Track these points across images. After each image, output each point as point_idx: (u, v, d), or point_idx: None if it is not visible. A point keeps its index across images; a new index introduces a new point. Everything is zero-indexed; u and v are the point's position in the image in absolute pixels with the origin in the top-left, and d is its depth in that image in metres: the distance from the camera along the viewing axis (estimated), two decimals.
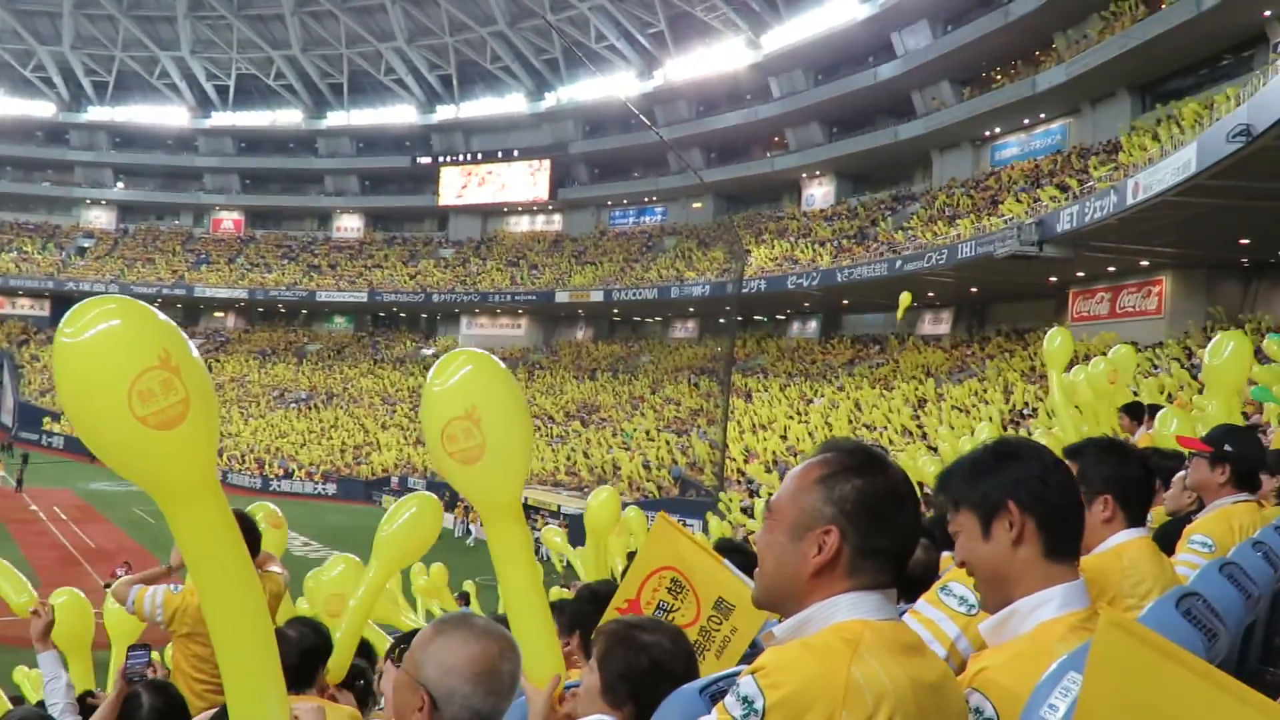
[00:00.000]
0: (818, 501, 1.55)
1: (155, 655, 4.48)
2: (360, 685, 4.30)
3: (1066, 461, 2.65)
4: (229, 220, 63.38)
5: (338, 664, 4.01)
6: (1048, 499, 1.73)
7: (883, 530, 1.55)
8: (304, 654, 3.38)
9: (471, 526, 31.15)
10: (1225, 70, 26.84)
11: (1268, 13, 24.58)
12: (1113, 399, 9.41)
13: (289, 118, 60.30)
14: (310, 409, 51.21)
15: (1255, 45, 25.98)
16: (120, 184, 63.56)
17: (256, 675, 2.02)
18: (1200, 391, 13.65)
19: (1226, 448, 3.55)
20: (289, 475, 42.94)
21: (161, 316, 1.96)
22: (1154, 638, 0.93)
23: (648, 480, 34.40)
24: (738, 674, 2.00)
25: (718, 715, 1.43)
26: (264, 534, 5.93)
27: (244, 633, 2.01)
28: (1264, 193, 18.75)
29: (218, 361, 56.04)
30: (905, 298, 24.11)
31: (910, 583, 2.61)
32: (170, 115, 61.18)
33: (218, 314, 61.26)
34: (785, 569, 1.56)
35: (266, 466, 43.96)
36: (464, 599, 14.34)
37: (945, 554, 3.25)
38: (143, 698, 3.43)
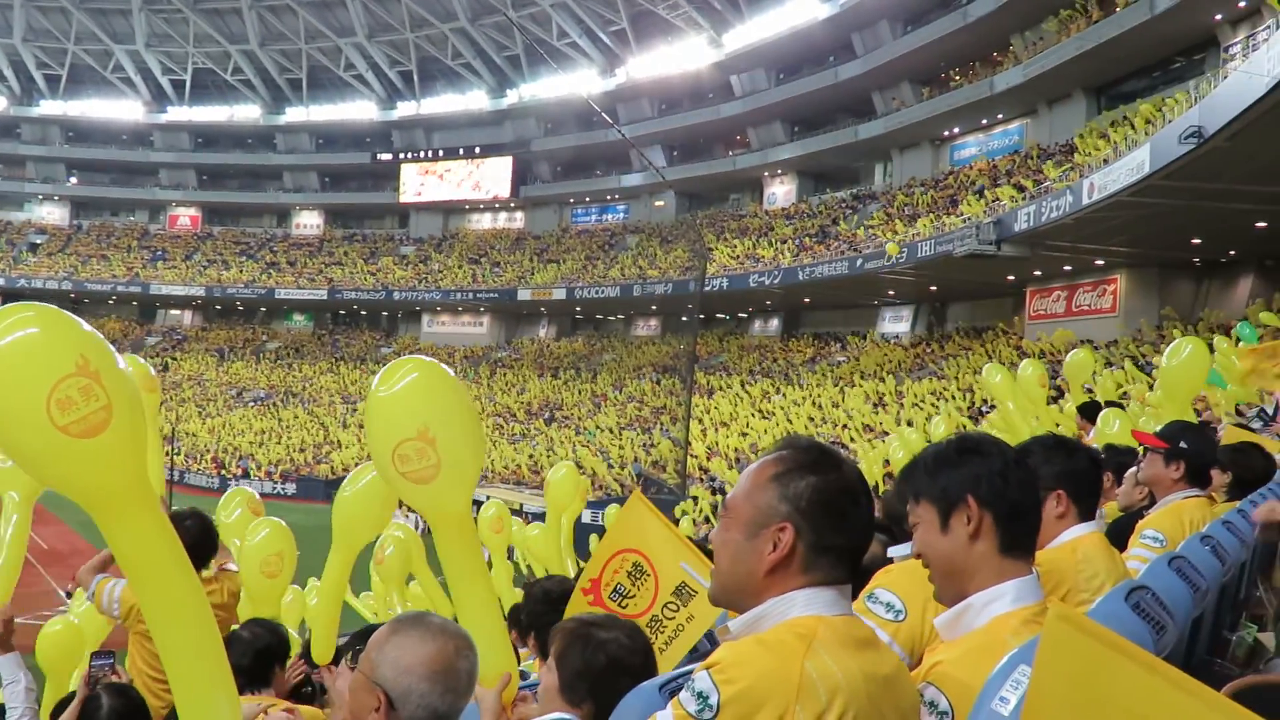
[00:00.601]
0: (773, 499, 1.56)
1: (126, 663, 4.41)
2: (307, 691, 4.25)
3: None
4: (185, 217, 62.46)
5: (321, 646, 3.94)
6: (1007, 496, 1.74)
7: (837, 527, 1.56)
8: (258, 655, 3.36)
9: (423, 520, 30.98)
10: (1177, 73, 27.31)
11: (1218, 16, 25.05)
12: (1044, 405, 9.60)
13: (247, 113, 59.55)
14: (269, 408, 50.65)
15: (1206, 49, 26.45)
16: (73, 179, 62.44)
17: (202, 678, 1.99)
18: (1151, 388, 13.88)
19: (1181, 444, 3.62)
20: (247, 475, 42.45)
21: (84, 325, 1.92)
22: (1100, 630, 0.94)
23: (611, 478, 34.37)
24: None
25: (673, 710, 1.43)
26: (244, 519, 5.82)
27: (186, 637, 1.98)
28: (1214, 193, 19.09)
29: (174, 360, 55.25)
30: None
31: (864, 575, 2.64)
32: (125, 110, 60.18)
33: (174, 312, 60.35)
34: (741, 566, 1.56)
35: (224, 466, 43.42)
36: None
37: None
38: (102, 699, 3.39)
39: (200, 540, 4.28)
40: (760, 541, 1.55)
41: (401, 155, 57.38)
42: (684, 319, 43.59)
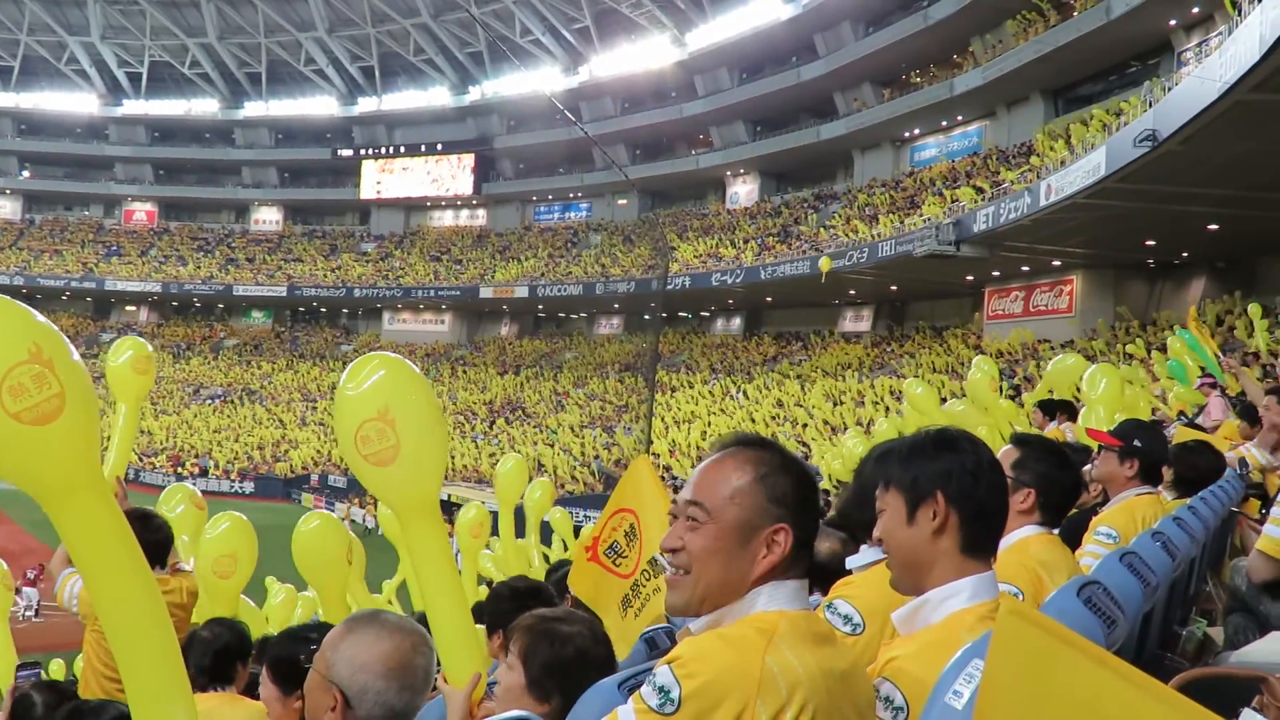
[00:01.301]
0: (763, 501, 1.54)
1: (81, 661, 4.35)
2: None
3: (1011, 445, 2.75)
4: (141, 211, 61.49)
5: None
6: (975, 496, 1.74)
7: (812, 523, 1.58)
8: (217, 654, 3.33)
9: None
10: (1133, 77, 27.72)
11: (1173, 22, 25.48)
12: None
13: (205, 107, 58.74)
14: (227, 405, 50.06)
15: (1161, 53, 26.89)
16: (26, 173, 61.19)
17: (155, 676, 1.97)
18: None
19: (1135, 442, 3.67)
20: (204, 473, 41.92)
21: (37, 316, 1.90)
22: (1051, 624, 0.96)
23: (572, 477, 34.34)
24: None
25: (634, 705, 1.43)
26: (186, 515, 5.74)
27: (139, 632, 1.96)
28: (1168, 196, 19.41)
29: None
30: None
31: (825, 573, 2.66)
32: (79, 102, 59.15)
33: (129, 308, 59.38)
34: (734, 572, 1.53)
35: (181, 464, 42.85)
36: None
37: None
38: (34, 697, 3.35)
39: (162, 540, 4.24)
40: (755, 545, 1.53)
41: (362, 151, 56.89)
42: (646, 317, 43.65)
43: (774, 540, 1.53)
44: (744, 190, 46.69)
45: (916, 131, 38.33)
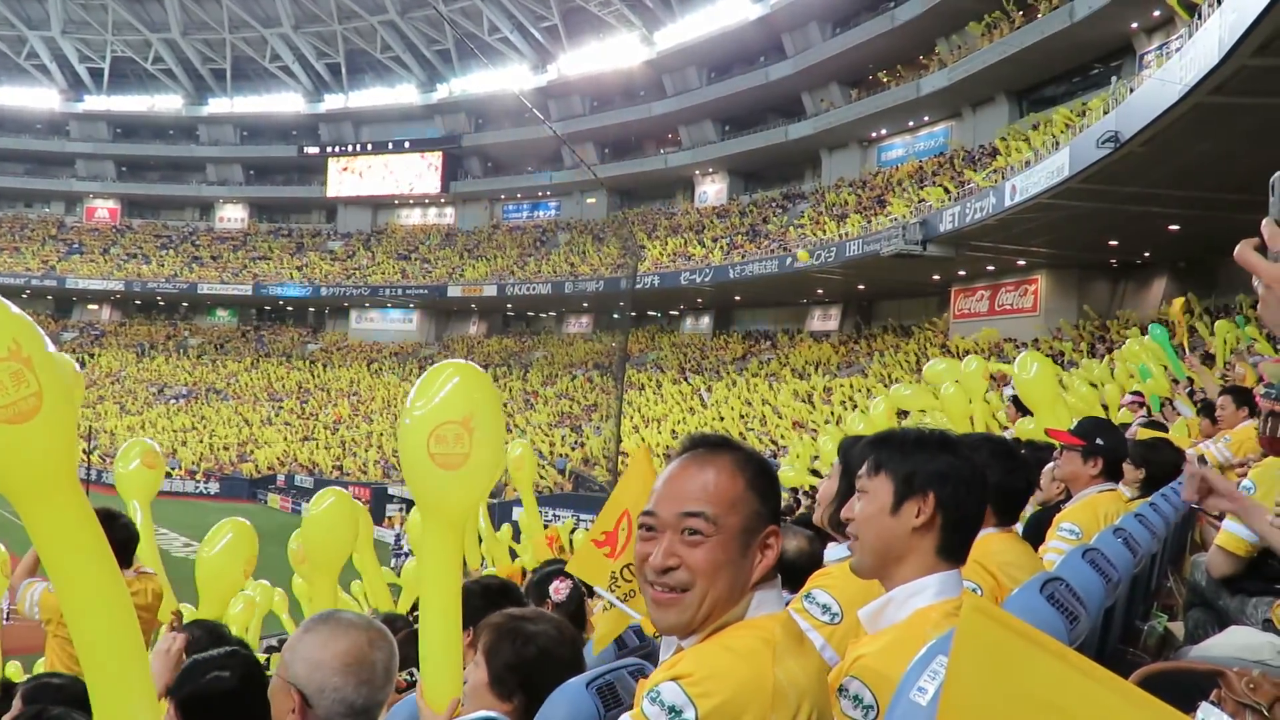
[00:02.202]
0: (758, 506, 1.51)
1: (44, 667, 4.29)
2: None
3: None
4: (104, 209, 60.67)
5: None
6: (963, 505, 1.76)
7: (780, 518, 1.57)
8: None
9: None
10: (1096, 79, 28.05)
11: (1135, 25, 25.82)
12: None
13: (168, 103, 58.03)
14: (191, 404, 49.52)
15: (1123, 56, 27.23)
16: None
17: (120, 677, 1.95)
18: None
19: (1099, 441, 3.72)
20: (168, 474, 41.44)
21: (13, 309, 1.88)
22: (1013, 621, 0.97)
23: (540, 476, 34.27)
24: (627, 669, 2.01)
25: None
26: (138, 473, 5.73)
27: (106, 633, 1.94)
28: (1130, 197, 19.66)
29: (91, 356, 53.63)
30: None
31: (795, 571, 2.68)
32: (40, 98, 58.28)
33: (91, 306, 58.55)
34: (739, 580, 1.49)
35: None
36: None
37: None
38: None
39: (126, 539, 4.20)
40: (752, 552, 1.50)
41: (329, 149, 56.43)
42: (615, 316, 43.63)
43: (768, 544, 1.51)
44: (712, 189, 46.79)
45: (883, 131, 38.57)
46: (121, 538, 4.10)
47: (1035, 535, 3.67)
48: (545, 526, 12.66)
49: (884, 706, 1.58)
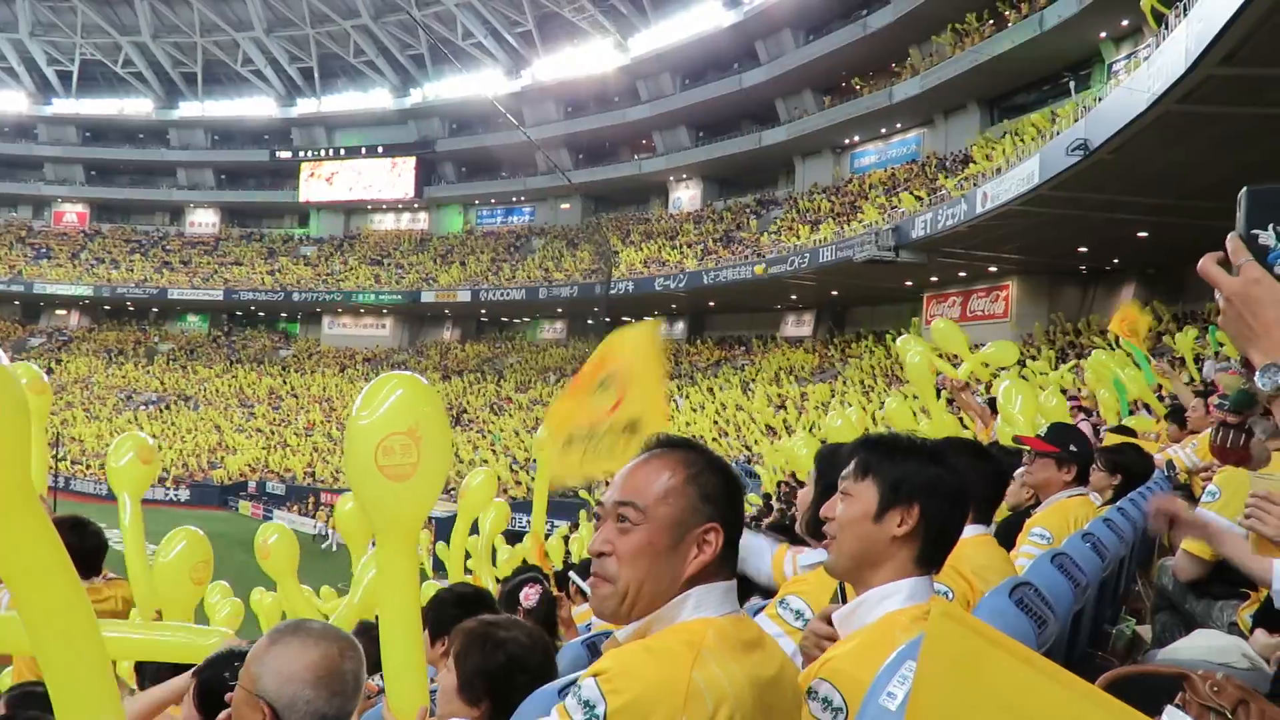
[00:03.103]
0: (695, 501, 1.52)
1: (11, 677, 4.22)
2: None
3: None
4: (72, 213, 59.96)
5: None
6: (946, 518, 1.77)
7: (739, 522, 1.56)
8: (174, 668, 3.27)
9: (330, 531, 30.39)
10: (1065, 87, 28.36)
11: (1104, 34, 26.11)
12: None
13: (138, 107, 57.44)
14: (161, 411, 49.01)
15: (1092, 64, 27.54)
16: None
17: (84, 693, 1.91)
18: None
19: (1073, 448, 3.75)
20: None
21: None
22: (982, 626, 0.98)
23: (515, 481, 34.18)
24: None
25: (558, 716, 1.40)
26: (131, 467, 5.59)
27: (68, 647, 1.90)
28: (1100, 204, 19.87)
29: (59, 362, 52.98)
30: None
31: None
32: (7, 101, 57.45)
33: (60, 312, 57.83)
34: (665, 572, 1.51)
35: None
36: None
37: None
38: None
39: (96, 547, 4.15)
40: (686, 546, 1.51)
41: (301, 153, 56.06)
42: (590, 322, 43.57)
43: (705, 540, 1.51)
44: (686, 195, 46.88)
45: (856, 138, 38.80)
46: (90, 546, 4.05)
47: (1005, 540, 3.70)
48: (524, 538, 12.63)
49: (853, 708, 1.58)
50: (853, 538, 1.77)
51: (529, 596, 3.90)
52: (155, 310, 57.41)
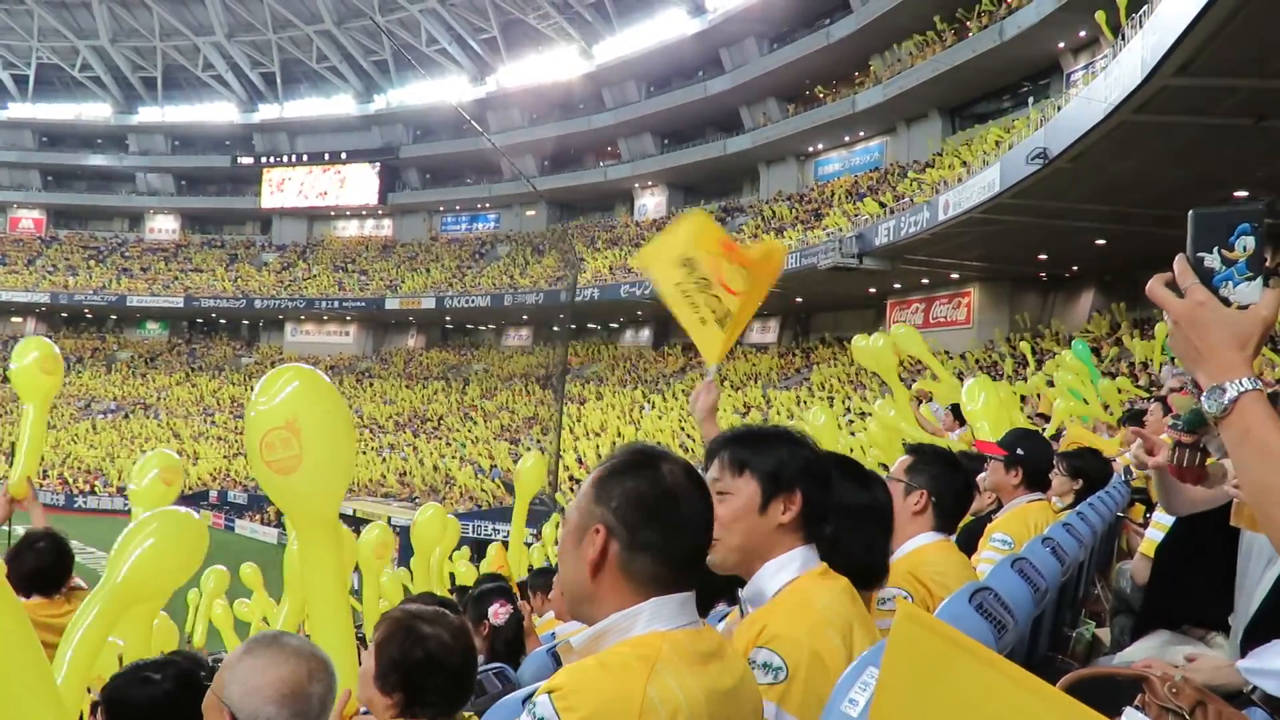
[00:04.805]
0: (590, 503, 1.53)
1: None
2: None
3: (906, 453, 2.85)
4: (28, 219, 58.97)
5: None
6: (823, 495, 1.82)
7: (651, 525, 1.50)
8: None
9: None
10: (1025, 96, 28.73)
11: (1062, 45, 26.49)
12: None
13: (96, 112, 56.69)
14: (120, 420, 48.29)
15: (1051, 74, 27.92)
16: None
17: (25, 710, 1.88)
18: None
19: (1019, 451, 3.80)
20: (93, 491, 40.37)
21: None
22: (945, 629, 0.98)
23: (481, 489, 34.02)
24: None
25: None
26: (153, 488, 5.44)
27: (11, 663, 1.87)
28: (1059, 211, 20.13)
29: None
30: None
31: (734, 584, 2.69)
32: None
33: (15, 319, 56.77)
34: (574, 573, 1.53)
35: (71, 481, 41.19)
36: None
37: None
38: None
39: (55, 563, 4.06)
40: (584, 546, 1.52)
41: (264, 159, 55.54)
42: (555, 329, 43.47)
43: (594, 541, 1.50)
44: (652, 202, 46.95)
45: (820, 146, 39.06)
46: (47, 563, 3.97)
47: (967, 546, 3.73)
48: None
49: (792, 665, 1.63)
50: (740, 533, 1.79)
51: (499, 614, 3.87)
52: (114, 317, 56.58)
